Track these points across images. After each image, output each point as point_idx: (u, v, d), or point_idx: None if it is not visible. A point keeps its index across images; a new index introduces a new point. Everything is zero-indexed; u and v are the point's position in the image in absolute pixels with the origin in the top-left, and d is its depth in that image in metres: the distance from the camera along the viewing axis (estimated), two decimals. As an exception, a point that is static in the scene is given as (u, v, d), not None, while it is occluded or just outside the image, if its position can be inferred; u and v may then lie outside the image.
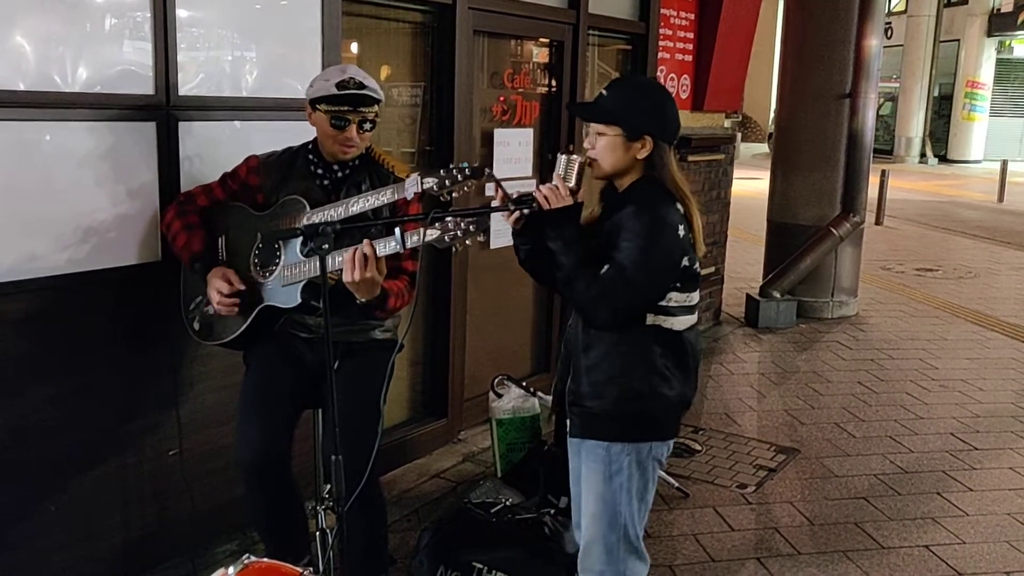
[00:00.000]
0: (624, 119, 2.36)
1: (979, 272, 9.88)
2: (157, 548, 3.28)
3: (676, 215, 2.34)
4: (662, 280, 2.33)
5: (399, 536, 3.61)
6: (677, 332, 2.39)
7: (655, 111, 2.40)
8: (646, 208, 2.32)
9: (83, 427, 2.99)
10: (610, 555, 2.45)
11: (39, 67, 2.74)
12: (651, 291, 2.33)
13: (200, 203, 2.93)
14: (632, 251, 2.27)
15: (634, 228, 2.29)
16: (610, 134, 2.38)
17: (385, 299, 2.67)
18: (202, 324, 2.92)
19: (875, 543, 3.78)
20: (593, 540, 2.47)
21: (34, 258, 2.79)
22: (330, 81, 2.73)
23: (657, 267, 2.30)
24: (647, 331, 2.36)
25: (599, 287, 2.28)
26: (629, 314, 2.33)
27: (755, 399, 5.61)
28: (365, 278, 2.46)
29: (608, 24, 5.46)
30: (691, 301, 2.42)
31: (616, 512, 2.43)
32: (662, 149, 2.38)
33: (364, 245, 2.45)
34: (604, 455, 2.42)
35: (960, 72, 25.32)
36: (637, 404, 2.39)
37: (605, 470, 2.42)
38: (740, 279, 8.59)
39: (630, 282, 2.26)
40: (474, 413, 4.78)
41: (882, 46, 7.28)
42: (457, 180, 2.48)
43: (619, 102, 2.40)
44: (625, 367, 2.37)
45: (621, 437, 2.41)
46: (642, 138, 2.36)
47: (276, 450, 2.76)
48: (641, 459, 2.43)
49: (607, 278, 2.28)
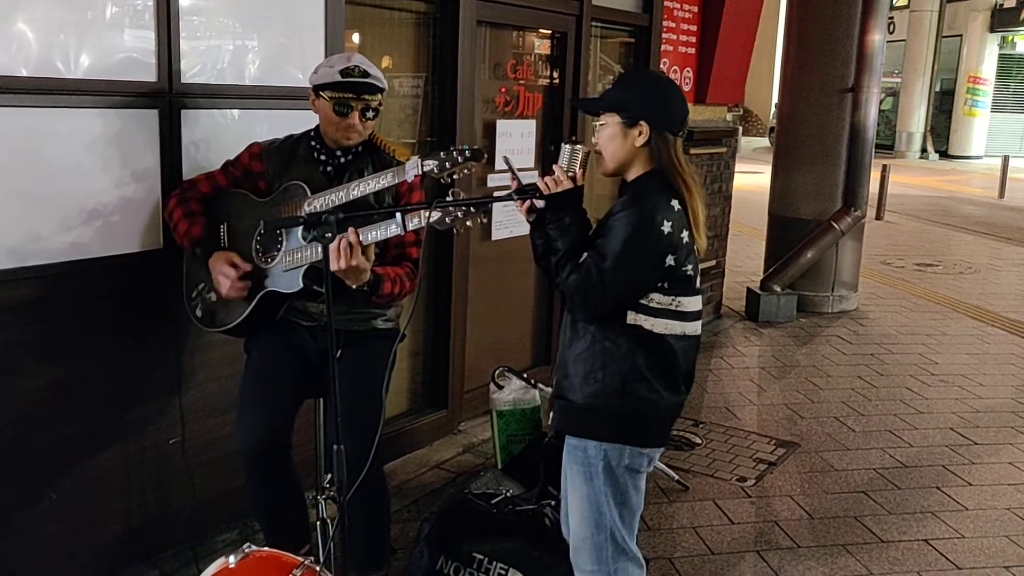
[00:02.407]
0: (622, 106, 2.36)
1: (979, 268, 9.89)
2: (158, 536, 3.28)
3: (665, 211, 2.29)
4: (638, 276, 2.29)
5: (399, 526, 3.61)
6: (659, 335, 2.34)
7: (654, 98, 2.37)
8: (633, 202, 2.31)
9: (84, 415, 2.99)
10: (599, 555, 2.44)
11: (42, 53, 2.73)
12: (626, 286, 2.29)
13: (202, 190, 2.92)
14: (611, 242, 2.27)
15: (618, 220, 2.29)
16: (610, 123, 2.37)
17: (379, 284, 2.67)
18: (204, 311, 2.91)
19: (874, 537, 3.78)
20: (582, 539, 2.46)
21: (37, 245, 2.79)
22: (334, 68, 2.73)
23: (632, 262, 2.27)
24: (628, 330, 2.32)
25: (579, 274, 2.27)
26: (605, 308, 2.30)
27: (755, 393, 5.62)
28: (351, 266, 2.47)
29: (611, 16, 5.44)
30: (679, 306, 2.35)
31: (600, 513, 2.41)
32: (663, 137, 2.34)
33: (349, 233, 2.45)
34: (583, 456, 2.40)
35: (962, 67, 25.29)
36: (613, 403, 2.34)
37: (585, 471, 2.40)
38: (741, 273, 8.59)
39: (605, 273, 2.25)
40: (474, 404, 4.78)
41: (885, 41, 7.26)
42: (457, 162, 2.47)
43: (620, 91, 2.41)
44: (604, 363, 2.34)
45: (594, 434, 2.38)
46: (638, 124, 2.33)
47: (277, 438, 2.76)
48: (613, 466, 2.38)
49: (586, 267, 2.27)
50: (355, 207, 2.65)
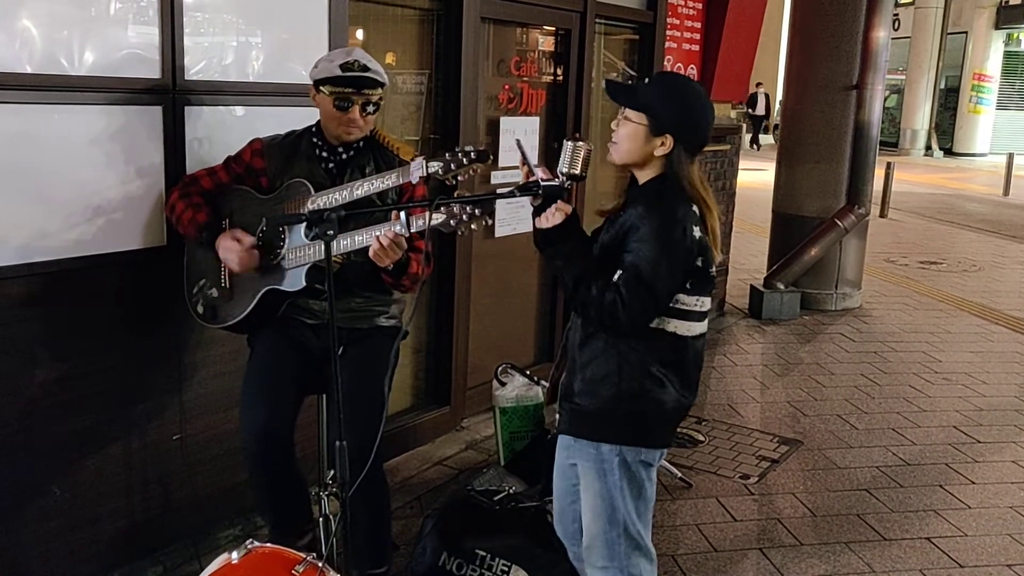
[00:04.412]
0: (653, 111, 2.30)
1: (983, 265, 9.86)
2: (160, 532, 3.29)
3: (690, 215, 2.28)
4: (677, 280, 2.27)
5: (401, 523, 3.62)
6: (681, 336, 2.33)
7: (686, 115, 2.32)
8: (657, 207, 2.27)
9: (87, 411, 2.99)
10: (612, 551, 2.43)
11: (46, 50, 2.73)
12: (666, 293, 2.26)
13: (204, 185, 2.92)
14: (645, 252, 2.21)
15: (646, 228, 2.24)
16: (635, 121, 2.32)
17: (407, 264, 2.68)
18: (206, 307, 2.91)
19: (877, 535, 3.78)
20: (595, 536, 2.45)
21: (41, 242, 2.79)
22: (334, 62, 2.73)
23: (672, 267, 2.24)
24: (646, 333, 2.30)
25: (614, 295, 2.20)
26: (652, 316, 2.27)
27: (758, 390, 5.61)
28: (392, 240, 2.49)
29: (616, 13, 5.43)
30: (700, 306, 2.35)
31: (614, 508, 2.40)
32: (681, 154, 2.31)
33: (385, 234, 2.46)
34: (595, 454, 2.39)
35: (967, 64, 25.21)
36: (629, 406, 2.33)
37: (598, 468, 2.39)
38: (744, 270, 8.58)
39: (645, 283, 2.19)
40: (477, 401, 4.78)
41: (890, 37, 7.25)
42: (463, 164, 2.47)
43: (655, 94, 2.34)
44: (620, 367, 2.31)
45: (609, 438, 2.36)
46: (664, 136, 2.30)
47: (279, 433, 2.76)
48: (629, 462, 2.38)
49: (622, 282, 2.21)
50: (357, 205, 2.65)
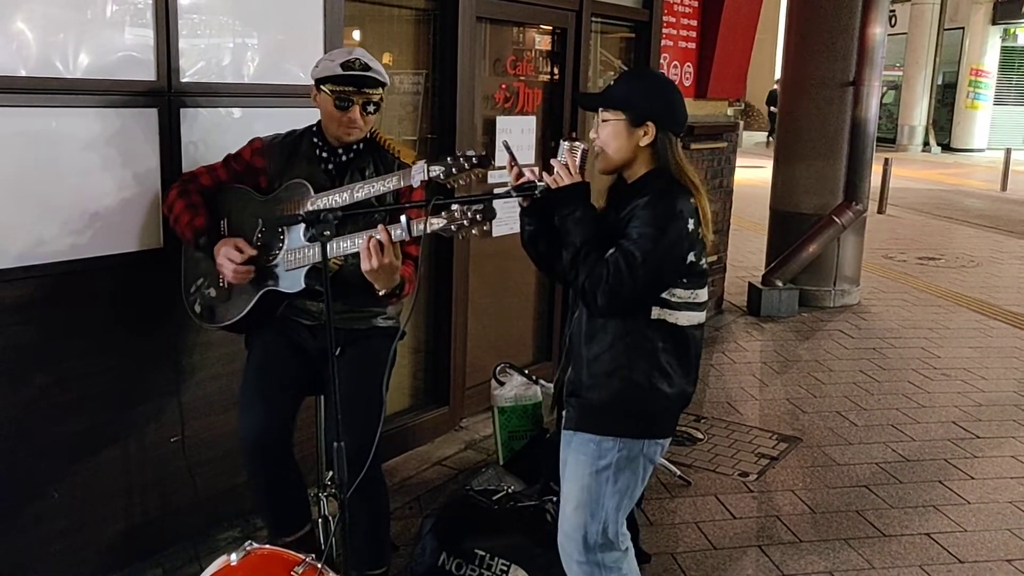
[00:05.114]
0: (628, 104, 2.36)
1: (981, 261, 9.87)
2: (159, 535, 3.29)
3: (689, 208, 2.32)
4: (667, 272, 2.31)
5: (401, 523, 3.62)
6: (681, 328, 2.38)
7: (659, 99, 2.40)
8: (660, 198, 2.31)
9: (85, 413, 2.99)
10: (588, 545, 2.45)
11: (41, 53, 2.73)
12: (655, 282, 2.31)
13: (203, 182, 2.91)
14: (642, 239, 2.26)
15: (646, 217, 2.28)
16: (613, 119, 2.38)
17: (402, 286, 2.66)
18: (203, 307, 2.91)
19: (876, 531, 3.78)
20: (574, 529, 2.46)
21: (38, 244, 2.79)
22: (335, 62, 2.73)
23: (664, 258, 2.28)
24: (652, 325, 2.35)
25: (603, 269, 2.26)
26: (630, 304, 2.31)
27: (757, 388, 5.62)
28: (383, 264, 2.44)
29: (611, 11, 5.43)
30: (697, 298, 2.40)
31: (599, 504, 2.42)
32: (667, 137, 2.37)
33: (380, 231, 2.42)
34: (595, 448, 2.40)
35: (964, 60, 25.17)
36: (637, 398, 2.37)
37: (593, 462, 2.41)
38: (742, 267, 8.58)
39: (636, 269, 2.24)
40: (476, 401, 4.78)
41: (886, 34, 7.25)
42: (464, 168, 2.47)
43: (624, 89, 2.42)
44: (629, 360, 2.35)
45: (616, 432, 2.39)
46: (645, 124, 2.35)
47: (278, 434, 2.76)
48: (632, 455, 2.40)
49: (612, 261, 2.26)
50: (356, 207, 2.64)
